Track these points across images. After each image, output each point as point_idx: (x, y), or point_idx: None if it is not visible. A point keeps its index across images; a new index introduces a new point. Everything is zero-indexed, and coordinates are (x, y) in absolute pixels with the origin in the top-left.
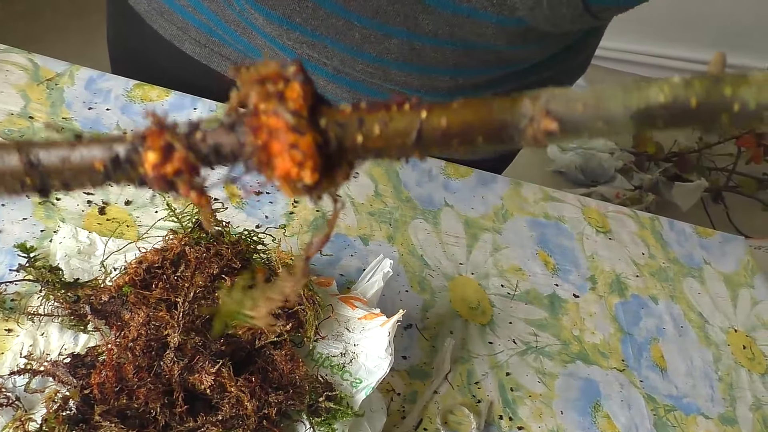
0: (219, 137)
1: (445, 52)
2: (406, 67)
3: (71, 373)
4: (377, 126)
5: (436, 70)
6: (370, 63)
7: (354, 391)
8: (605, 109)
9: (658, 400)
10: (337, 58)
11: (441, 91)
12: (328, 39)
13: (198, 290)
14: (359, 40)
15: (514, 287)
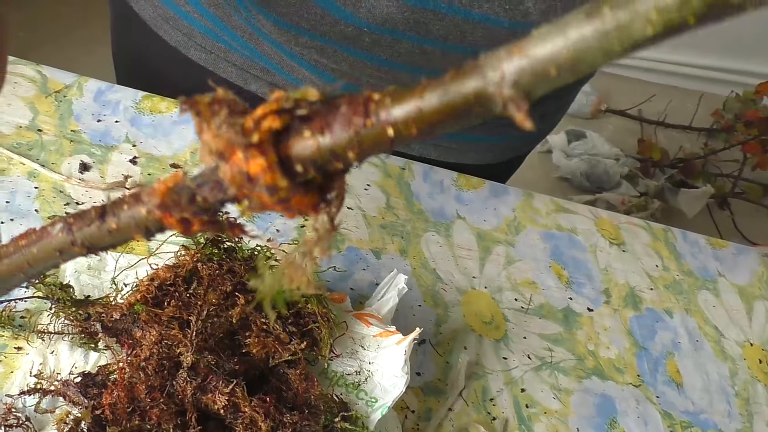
0: (216, 193)
1: (455, 57)
2: (416, 71)
3: (82, 392)
4: (351, 153)
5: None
6: (379, 67)
7: (369, 411)
8: (583, 65)
9: (674, 417)
10: (346, 63)
11: None
12: (337, 44)
13: (211, 308)
14: (369, 44)
15: (527, 301)
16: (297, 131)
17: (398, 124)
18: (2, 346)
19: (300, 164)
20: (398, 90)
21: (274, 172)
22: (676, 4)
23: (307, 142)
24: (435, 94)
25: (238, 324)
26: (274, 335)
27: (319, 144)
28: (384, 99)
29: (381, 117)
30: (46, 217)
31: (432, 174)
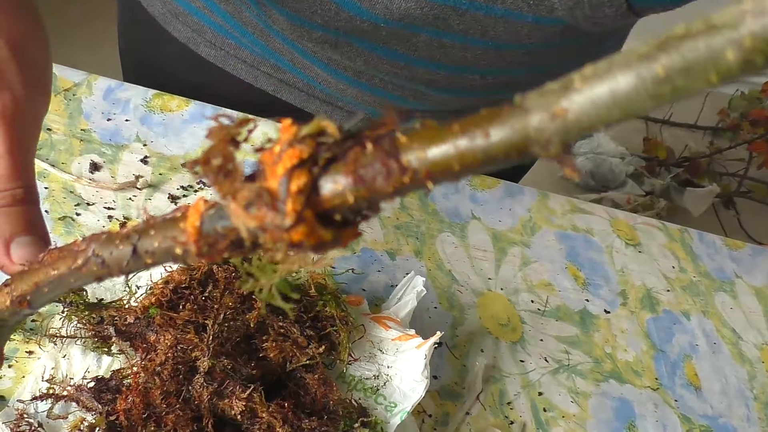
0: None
1: (475, 51)
2: (433, 66)
3: (96, 398)
4: (387, 200)
5: (465, 69)
6: (396, 62)
7: (389, 416)
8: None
9: (693, 420)
10: (360, 59)
11: (469, 90)
12: (352, 38)
13: (228, 312)
14: (385, 37)
15: (544, 303)
16: (328, 178)
17: (436, 174)
18: (13, 351)
19: (338, 214)
20: (429, 131)
21: (317, 232)
22: (739, 66)
23: (344, 198)
24: (476, 143)
25: (255, 328)
26: (292, 339)
27: (357, 197)
28: (413, 143)
29: (418, 170)
30: (57, 218)
31: None
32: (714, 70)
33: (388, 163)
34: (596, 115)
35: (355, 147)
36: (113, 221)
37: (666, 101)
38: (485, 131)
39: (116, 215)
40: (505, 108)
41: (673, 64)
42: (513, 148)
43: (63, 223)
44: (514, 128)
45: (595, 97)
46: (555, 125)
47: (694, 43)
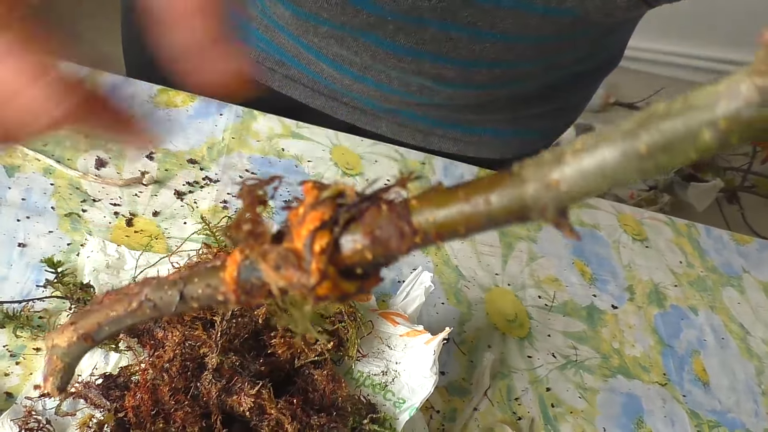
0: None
1: (483, 44)
2: (441, 60)
3: (104, 395)
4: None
5: (473, 63)
6: (403, 56)
7: (397, 412)
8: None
9: (701, 416)
10: (367, 53)
11: (477, 84)
12: (359, 32)
13: (236, 308)
14: (393, 31)
15: (551, 298)
16: (348, 238)
17: (444, 235)
18: (21, 348)
19: (359, 268)
20: (436, 195)
21: (340, 287)
22: (716, 144)
23: (362, 255)
24: (479, 209)
25: (263, 324)
26: (300, 335)
27: (374, 255)
28: (422, 207)
29: (428, 232)
30: (63, 215)
31: (452, 168)
32: (693, 148)
33: (401, 226)
34: (586, 186)
35: (372, 208)
36: (119, 217)
37: (651, 175)
38: (487, 198)
39: (122, 211)
40: (504, 176)
41: (655, 143)
42: (512, 214)
43: (69, 220)
44: (513, 196)
45: (584, 170)
46: (549, 195)
47: (673, 123)
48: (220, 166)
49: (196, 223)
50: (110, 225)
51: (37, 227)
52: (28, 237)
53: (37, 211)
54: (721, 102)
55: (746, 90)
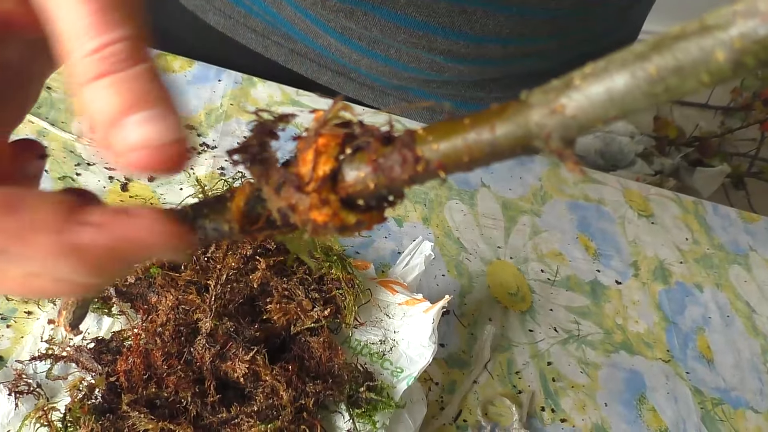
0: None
1: (498, 19)
2: (453, 35)
3: (96, 359)
4: (406, 187)
5: (487, 39)
6: (414, 30)
7: (395, 381)
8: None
9: (705, 393)
10: (376, 28)
11: (489, 60)
12: (368, 5)
13: (230, 272)
14: (404, 4)
15: (554, 273)
16: (352, 166)
17: (447, 166)
18: (12, 311)
19: (361, 199)
20: (443, 125)
21: (340, 215)
22: (730, 67)
23: (365, 184)
24: (483, 137)
25: (259, 289)
26: (296, 301)
27: (376, 184)
28: (428, 136)
29: (430, 161)
30: (57, 178)
31: None
32: (705, 71)
33: (404, 154)
34: (593, 112)
35: (378, 138)
36: (114, 182)
37: (660, 101)
38: (492, 126)
39: (117, 176)
40: (511, 103)
41: (666, 65)
42: (517, 142)
43: (63, 183)
44: (517, 123)
45: (592, 94)
46: (554, 121)
47: (686, 44)
48: (217, 133)
49: (191, 187)
50: (105, 189)
51: None
52: None
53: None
54: (737, 20)
55: (765, 7)
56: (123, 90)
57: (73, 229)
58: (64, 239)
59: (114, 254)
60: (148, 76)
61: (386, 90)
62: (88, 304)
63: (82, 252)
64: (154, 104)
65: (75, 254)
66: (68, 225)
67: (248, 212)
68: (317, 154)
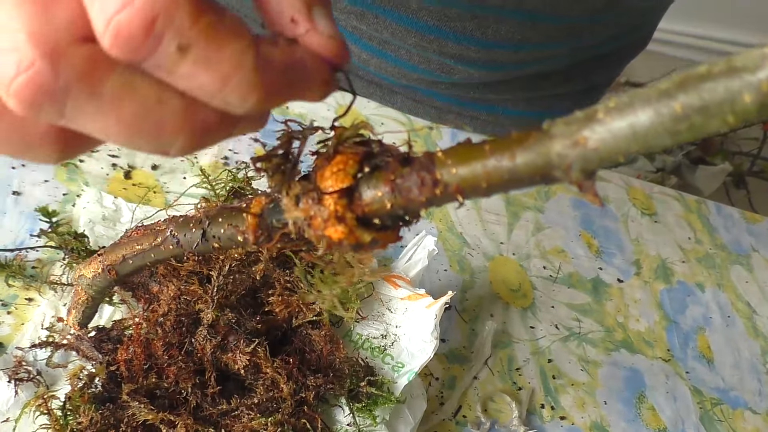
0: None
1: (510, 24)
2: (464, 40)
3: (96, 347)
4: (423, 210)
5: (498, 44)
6: (425, 35)
7: (396, 376)
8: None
9: (704, 393)
10: (387, 30)
11: (500, 65)
12: (380, 8)
13: (233, 264)
14: (416, 8)
15: (556, 270)
16: (369, 185)
17: (466, 190)
18: (12, 297)
19: (377, 218)
20: (462, 149)
21: (355, 233)
22: (756, 108)
23: (381, 203)
24: (503, 164)
25: (261, 281)
26: (298, 294)
27: (393, 204)
28: (447, 160)
29: (449, 184)
30: (59, 164)
31: (460, 135)
32: (731, 112)
33: (423, 176)
34: (615, 147)
35: (397, 158)
36: (117, 169)
37: (684, 139)
38: (512, 153)
39: (120, 163)
40: (532, 133)
41: (691, 103)
42: (537, 171)
43: (66, 170)
44: (538, 152)
45: (615, 129)
46: (576, 153)
47: (714, 84)
48: None
49: (195, 176)
50: (107, 176)
51: (33, 176)
52: (22, 185)
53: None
54: (766, 64)
55: None
56: None
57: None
58: (252, 47)
59: (288, 75)
60: None
61: (394, 88)
62: (98, 304)
63: (265, 63)
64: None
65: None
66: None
67: (263, 224)
68: (335, 172)
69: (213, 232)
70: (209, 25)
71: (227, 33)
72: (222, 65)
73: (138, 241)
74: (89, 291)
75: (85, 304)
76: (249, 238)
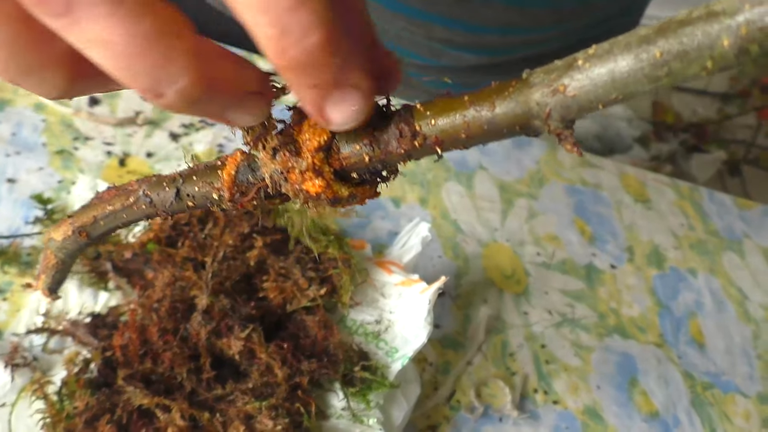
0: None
1: (496, 9)
2: (452, 24)
3: (92, 333)
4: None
5: (485, 29)
6: (413, 19)
7: (390, 361)
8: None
9: (695, 377)
10: (375, 14)
11: (488, 49)
12: None
13: (227, 250)
14: None
15: (550, 256)
16: (348, 138)
17: (444, 143)
18: (8, 284)
19: (355, 173)
20: (442, 101)
21: (333, 187)
22: (734, 53)
23: (360, 157)
24: (482, 114)
25: (255, 267)
26: (293, 280)
27: (371, 158)
28: (426, 111)
29: (428, 136)
30: (54, 152)
31: None
32: (710, 56)
33: (402, 128)
34: (595, 94)
35: (375, 111)
36: (112, 157)
37: (663, 84)
38: (491, 103)
39: (115, 151)
40: (512, 82)
41: (670, 48)
42: (516, 121)
43: (60, 157)
44: (517, 101)
45: (595, 76)
46: (555, 100)
47: (692, 29)
48: None
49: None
50: (102, 164)
51: (27, 163)
52: (18, 172)
53: (28, 147)
54: (744, 7)
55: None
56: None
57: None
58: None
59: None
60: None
61: None
62: (68, 269)
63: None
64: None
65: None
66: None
67: (238, 180)
68: (313, 125)
69: (187, 190)
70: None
71: None
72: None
73: (109, 202)
74: (59, 254)
75: (55, 268)
76: (224, 195)
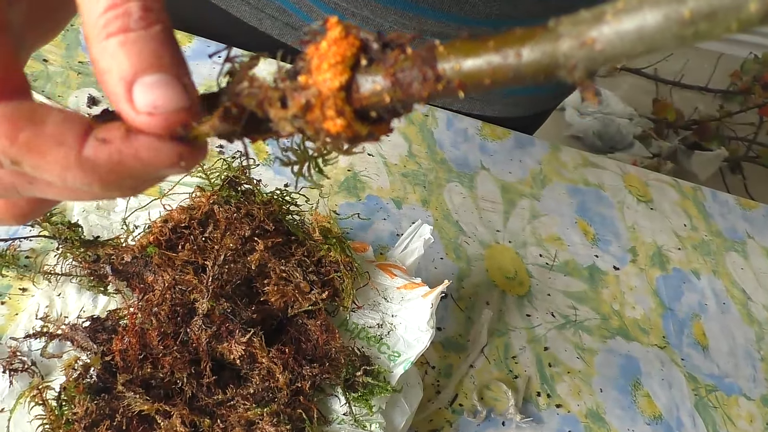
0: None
1: (488, 1)
2: (443, 17)
3: (91, 338)
4: (421, 103)
5: (476, 21)
6: (404, 11)
7: (392, 365)
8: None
9: (699, 380)
10: (367, 8)
11: None
12: None
13: (228, 253)
14: None
15: (552, 257)
16: (368, 78)
17: (468, 87)
18: (6, 287)
19: (374, 111)
20: (465, 44)
21: (353, 127)
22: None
23: (381, 97)
24: (508, 62)
25: (256, 271)
26: (294, 284)
27: (392, 98)
28: (450, 54)
29: (451, 80)
30: None
31: (456, 122)
32: (736, 19)
33: (424, 70)
34: (621, 49)
35: (396, 50)
36: None
37: (687, 43)
38: (518, 51)
39: None
40: (538, 30)
41: (700, 10)
42: (542, 70)
43: None
44: (545, 51)
45: (623, 31)
46: (582, 53)
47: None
48: None
49: None
50: None
51: None
52: None
53: None
54: None
55: None
56: (134, 51)
57: (88, 144)
58: (74, 154)
59: (122, 170)
60: (162, 39)
61: None
62: None
63: (92, 165)
64: (165, 69)
65: (84, 167)
66: (82, 140)
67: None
68: (333, 64)
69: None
70: (27, 140)
71: (48, 142)
72: (53, 168)
73: None
74: None
75: None
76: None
